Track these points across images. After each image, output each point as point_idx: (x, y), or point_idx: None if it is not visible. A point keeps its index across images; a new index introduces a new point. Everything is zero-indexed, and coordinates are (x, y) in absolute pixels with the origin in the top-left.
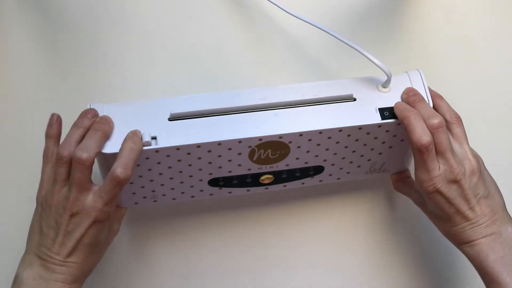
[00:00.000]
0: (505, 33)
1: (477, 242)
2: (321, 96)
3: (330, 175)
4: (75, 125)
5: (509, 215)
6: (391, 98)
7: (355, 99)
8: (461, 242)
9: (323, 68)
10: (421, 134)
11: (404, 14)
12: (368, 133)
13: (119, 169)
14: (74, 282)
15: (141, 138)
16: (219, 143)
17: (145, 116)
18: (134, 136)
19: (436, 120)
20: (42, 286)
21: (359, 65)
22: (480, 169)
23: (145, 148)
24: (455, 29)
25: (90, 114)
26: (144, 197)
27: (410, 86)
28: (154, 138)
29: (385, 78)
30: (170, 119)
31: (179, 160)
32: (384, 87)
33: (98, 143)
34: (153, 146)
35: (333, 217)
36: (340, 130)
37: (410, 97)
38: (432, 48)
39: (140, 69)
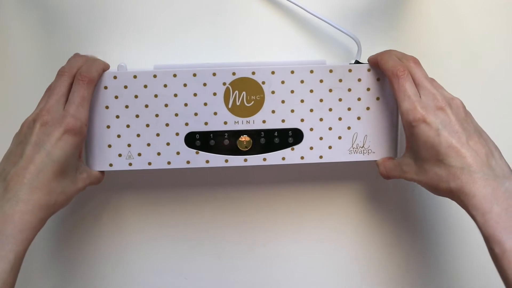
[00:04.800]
0: (505, 31)
1: (478, 192)
2: (295, 60)
3: (311, 148)
4: (74, 55)
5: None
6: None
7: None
8: (459, 191)
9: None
10: (395, 63)
11: (405, 13)
12: (340, 80)
13: (84, 72)
14: (37, 213)
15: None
16: (194, 74)
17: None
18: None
19: (409, 57)
20: None
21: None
22: (466, 110)
23: (121, 71)
24: (457, 27)
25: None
26: (120, 155)
27: None
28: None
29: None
30: (154, 69)
31: (156, 96)
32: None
33: (99, 69)
34: (129, 70)
35: (328, 214)
36: (312, 71)
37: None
38: (433, 46)
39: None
